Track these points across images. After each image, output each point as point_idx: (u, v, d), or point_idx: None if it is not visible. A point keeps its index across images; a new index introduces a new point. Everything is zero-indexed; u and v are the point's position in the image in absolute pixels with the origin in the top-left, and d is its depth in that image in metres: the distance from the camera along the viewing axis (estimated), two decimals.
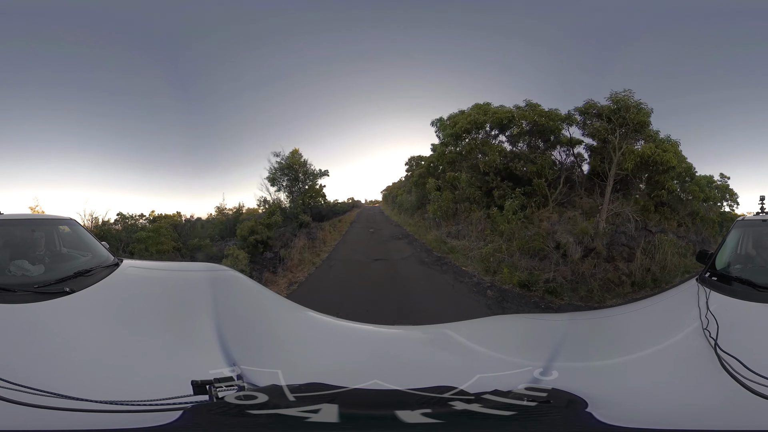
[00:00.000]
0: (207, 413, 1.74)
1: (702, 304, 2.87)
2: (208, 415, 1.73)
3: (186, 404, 1.76)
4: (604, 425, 1.74)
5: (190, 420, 1.67)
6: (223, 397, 1.85)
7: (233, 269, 4.78)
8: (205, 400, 1.84)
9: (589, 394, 2.01)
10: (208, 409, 1.75)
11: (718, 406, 1.97)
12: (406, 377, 2.28)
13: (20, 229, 3.73)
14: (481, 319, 5.20)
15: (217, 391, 1.88)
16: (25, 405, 1.64)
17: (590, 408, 1.91)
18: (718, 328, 2.45)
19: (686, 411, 1.95)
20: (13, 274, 3.18)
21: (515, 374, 2.45)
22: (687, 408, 1.99)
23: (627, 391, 2.22)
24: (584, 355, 2.86)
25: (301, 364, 2.57)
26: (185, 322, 3.07)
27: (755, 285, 3.04)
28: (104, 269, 3.59)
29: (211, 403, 1.81)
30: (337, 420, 1.68)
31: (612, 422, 1.75)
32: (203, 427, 1.69)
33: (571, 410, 1.92)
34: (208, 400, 1.83)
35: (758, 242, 3.80)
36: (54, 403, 1.66)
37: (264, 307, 3.89)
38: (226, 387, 1.93)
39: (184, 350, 2.68)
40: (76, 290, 2.97)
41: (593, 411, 1.86)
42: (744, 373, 1.99)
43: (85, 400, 1.67)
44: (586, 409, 1.91)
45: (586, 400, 1.98)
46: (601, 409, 1.87)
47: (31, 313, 2.65)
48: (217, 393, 1.88)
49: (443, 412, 1.78)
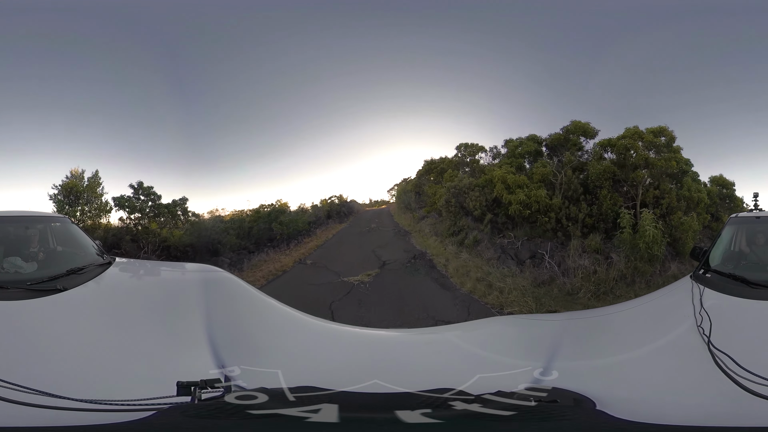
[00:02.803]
0: (180, 415, 1.71)
1: (696, 302, 2.88)
2: (180, 416, 1.70)
3: (163, 405, 1.73)
4: (622, 421, 1.75)
5: (160, 419, 1.65)
6: (206, 399, 1.83)
7: (226, 271, 4.74)
8: (187, 401, 1.82)
9: (590, 393, 2.02)
10: (182, 411, 1.72)
11: (712, 403, 1.98)
12: (406, 378, 2.28)
13: (14, 227, 3.72)
14: (478, 320, 5.22)
15: (201, 393, 1.86)
16: (9, 402, 1.63)
17: (599, 406, 1.92)
18: (711, 325, 2.47)
19: (680, 408, 1.96)
20: (6, 271, 3.17)
21: (515, 374, 2.45)
22: (681, 405, 2.00)
23: (627, 390, 2.24)
24: (583, 354, 2.88)
25: (297, 367, 2.56)
26: (176, 322, 3.06)
27: (749, 282, 3.06)
28: (96, 267, 3.59)
29: (188, 404, 1.77)
30: (337, 420, 1.68)
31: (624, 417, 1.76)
32: (170, 427, 1.66)
33: (580, 408, 1.93)
34: (189, 402, 1.81)
35: (752, 239, 3.83)
36: (36, 400, 1.65)
37: (257, 310, 3.87)
38: (211, 389, 1.91)
39: (173, 350, 2.67)
40: (68, 288, 2.96)
41: (604, 409, 1.87)
42: (737, 370, 2.00)
43: (65, 398, 1.66)
44: (597, 407, 1.92)
45: (593, 399, 1.99)
46: (608, 408, 1.88)
47: (23, 310, 2.65)
48: (201, 395, 1.85)
49: (443, 412, 1.79)
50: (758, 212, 4.34)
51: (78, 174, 12.82)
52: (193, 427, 1.65)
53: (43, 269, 3.29)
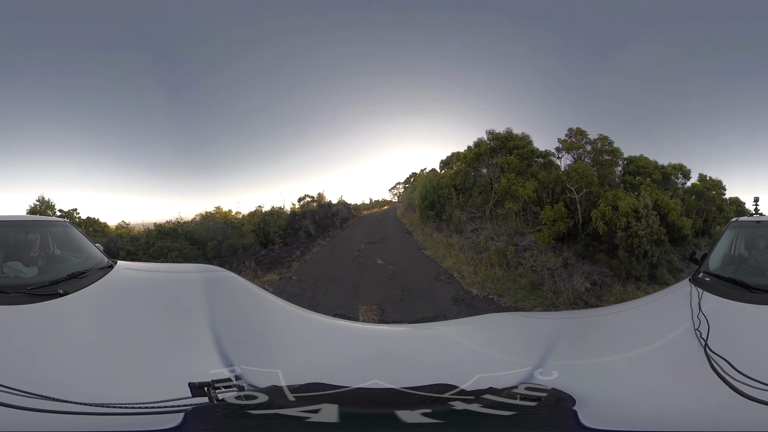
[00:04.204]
0: (211, 415, 1.72)
1: (694, 305, 2.88)
2: (212, 417, 1.72)
3: (186, 406, 1.75)
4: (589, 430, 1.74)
5: (195, 423, 1.65)
6: (223, 399, 1.84)
7: (227, 270, 4.75)
8: (205, 401, 1.82)
9: (588, 394, 2.01)
10: (211, 411, 1.73)
11: (707, 407, 1.98)
12: (406, 377, 2.28)
13: (14, 231, 3.71)
14: (477, 317, 5.21)
15: (216, 393, 1.87)
16: (20, 408, 1.62)
17: (576, 406, 1.91)
18: (708, 329, 2.47)
19: (675, 412, 1.95)
20: (6, 276, 3.16)
21: (515, 374, 2.46)
22: (676, 409, 1.99)
23: (622, 391, 2.23)
24: (583, 354, 2.87)
25: (300, 365, 2.56)
26: (180, 324, 3.06)
27: (748, 286, 3.06)
28: (98, 271, 3.58)
29: (213, 405, 1.79)
30: (337, 420, 1.68)
31: (595, 425, 1.75)
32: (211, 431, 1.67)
33: (558, 410, 1.91)
34: (208, 402, 1.81)
35: (751, 243, 3.83)
36: (48, 406, 1.64)
37: (259, 308, 3.88)
38: (225, 388, 1.93)
39: (179, 352, 2.67)
40: (69, 292, 2.96)
41: (579, 410, 1.86)
42: (733, 374, 2.00)
43: (81, 404, 1.66)
44: (573, 407, 1.91)
45: (575, 399, 1.97)
46: (593, 409, 1.87)
47: (25, 315, 2.64)
48: (217, 395, 1.87)
49: (443, 411, 1.78)
50: (758, 216, 4.34)
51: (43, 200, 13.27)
52: (236, 426, 1.66)
53: (43, 274, 3.28)
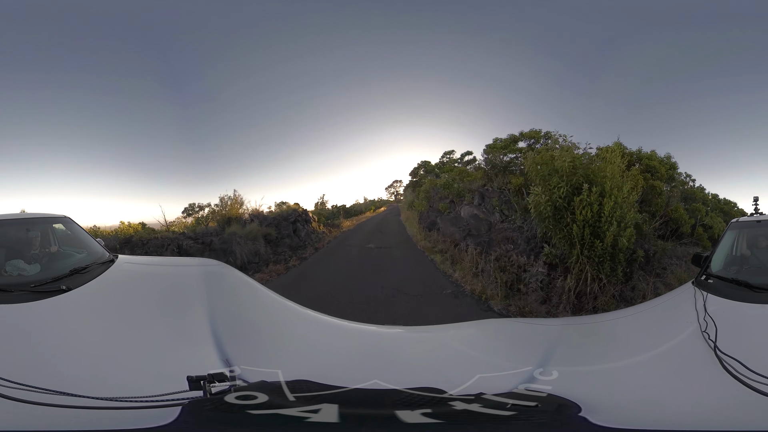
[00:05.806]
0: (204, 410, 1.72)
1: (699, 307, 2.88)
2: (205, 411, 1.72)
3: (183, 400, 1.75)
4: (600, 428, 1.73)
5: (189, 418, 1.66)
6: (216, 393, 1.84)
7: (224, 263, 4.75)
8: (200, 395, 1.83)
9: (588, 397, 2.00)
10: (203, 405, 1.73)
11: (721, 407, 1.98)
12: (406, 377, 2.27)
13: (15, 229, 3.69)
14: (477, 321, 5.22)
15: (210, 387, 1.88)
16: (26, 402, 1.62)
17: (600, 412, 1.90)
18: (716, 330, 2.47)
19: (689, 413, 1.95)
20: (9, 274, 3.15)
21: (515, 374, 2.45)
22: (690, 410, 1.99)
23: (628, 395, 2.22)
24: (584, 358, 2.86)
25: (299, 363, 2.56)
26: (180, 318, 3.07)
27: (751, 286, 3.05)
28: (100, 266, 3.58)
29: (206, 399, 1.79)
30: (337, 420, 1.68)
31: (608, 425, 1.75)
32: (203, 426, 1.68)
33: (561, 415, 1.91)
34: (202, 396, 1.82)
35: (753, 243, 3.82)
36: (55, 400, 1.65)
37: (255, 303, 3.90)
38: (219, 383, 1.94)
39: (179, 346, 2.68)
40: (72, 288, 2.96)
41: (605, 414, 1.85)
42: (745, 373, 2.00)
43: (84, 397, 1.66)
44: (580, 413, 1.90)
45: (579, 405, 1.97)
46: (597, 413, 1.87)
47: (29, 313, 2.64)
48: (211, 389, 1.87)
49: (443, 412, 1.78)
50: (759, 216, 4.32)
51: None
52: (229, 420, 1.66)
53: (46, 270, 3.28)
